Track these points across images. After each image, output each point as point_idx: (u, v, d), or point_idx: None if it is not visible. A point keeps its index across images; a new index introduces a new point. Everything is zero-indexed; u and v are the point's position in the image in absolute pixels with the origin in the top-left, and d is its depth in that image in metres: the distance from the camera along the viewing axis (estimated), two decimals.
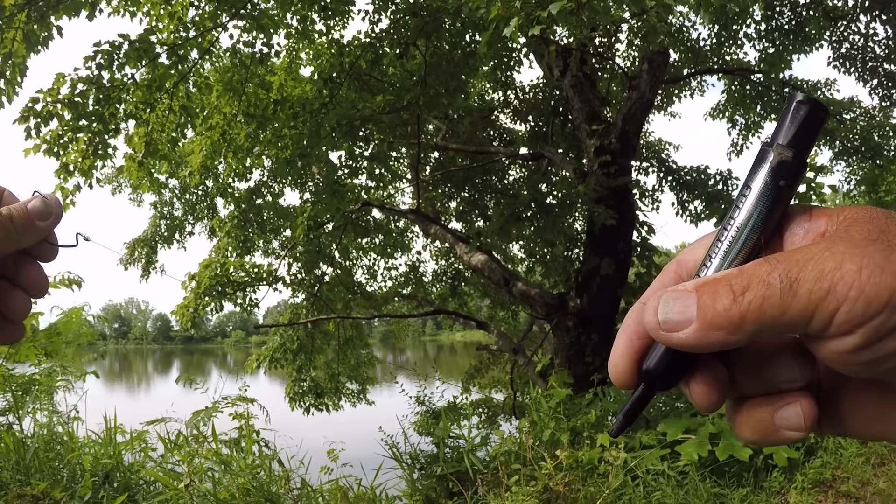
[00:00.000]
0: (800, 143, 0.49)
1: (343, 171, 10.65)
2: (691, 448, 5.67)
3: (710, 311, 0.45)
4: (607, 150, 10.27)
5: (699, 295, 0.46)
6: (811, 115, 0.49)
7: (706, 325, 0.45)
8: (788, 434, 0.49)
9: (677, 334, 0.46)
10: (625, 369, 0.52)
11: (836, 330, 0.43)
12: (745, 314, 0.44)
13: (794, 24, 11.96)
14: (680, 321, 0.46)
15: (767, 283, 0.43)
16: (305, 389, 13.33)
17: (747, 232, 0.49)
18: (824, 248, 0.44)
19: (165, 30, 8.45)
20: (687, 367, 0.50)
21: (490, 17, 5.92)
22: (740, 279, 0.45)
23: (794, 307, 0.43)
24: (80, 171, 8.05)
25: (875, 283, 0.41)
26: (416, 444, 7.08)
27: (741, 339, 0.45)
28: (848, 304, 0.41)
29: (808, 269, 0.43)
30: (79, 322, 7.80)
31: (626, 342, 0.52)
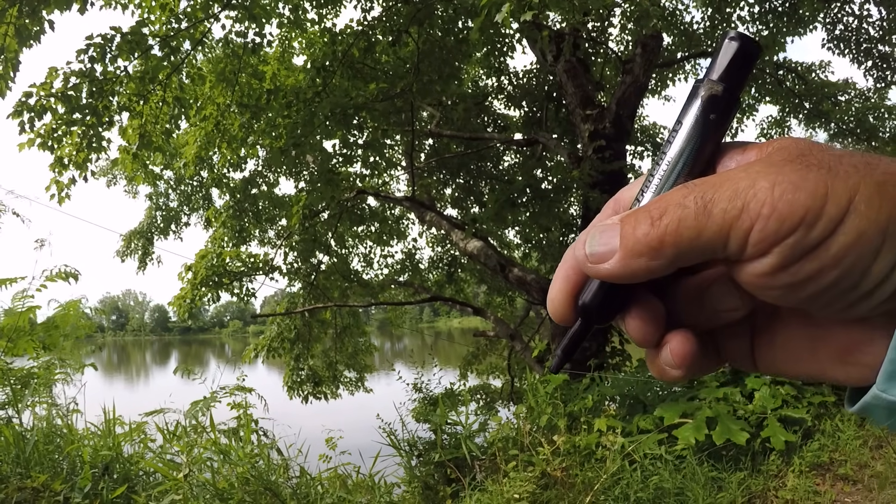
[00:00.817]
0: (730, 77, 0.48)
1: (337, 160, 10.64)
2: (688, 432, 5.70)
3: (631, 239, 0.45)
4: (602, 135, 10.27)
5: (622, 225, 0.46)
6: (742, 50, 0.49)
7: (628, 252, 0.45)
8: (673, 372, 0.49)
9: (604, 265, 0.46)
10: (562, 304, 0.51)
11: (752, 251, 0.42)
12: (663, 237, 0.44)
13: (788, 6, 11.93)
14: (605, 252, 0.46)
15: (683, 206, 0.43)
16: (303, 378, 13.36)
17: (679, 166, 0.49)
18: (741, 170, 0.44)
19: (157, 21, 8.42)
20: (622, 302, 0.50)
21: (482, 3, 5.90)
22: (658, 205, 0.45)
23: (709, 228, 0.42)
24: (74, 164, 8.04)
25: (788, 200, 0.41)
26: (413, 431, 7.09)
27: (663, 263, 0.45)
28: (761, 222, 0.41)
29: (723, 189, 0.43)
30: (76, 315, 7.82)
31: (563, 277, 0.51)
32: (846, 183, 0.41)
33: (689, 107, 0.49)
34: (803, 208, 0.40)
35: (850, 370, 0.47)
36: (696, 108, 0.49)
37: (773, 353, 0.51)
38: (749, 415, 6.16)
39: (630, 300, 0.50)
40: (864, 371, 0.46)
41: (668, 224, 0.43)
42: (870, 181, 0.41)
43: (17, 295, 6.96)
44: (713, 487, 5.44)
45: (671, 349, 0.48)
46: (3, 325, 6.91)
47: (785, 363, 0.51)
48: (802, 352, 0.49)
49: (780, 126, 14.86)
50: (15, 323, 6.78)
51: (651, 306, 0.50)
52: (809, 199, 0.40)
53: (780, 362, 0.51)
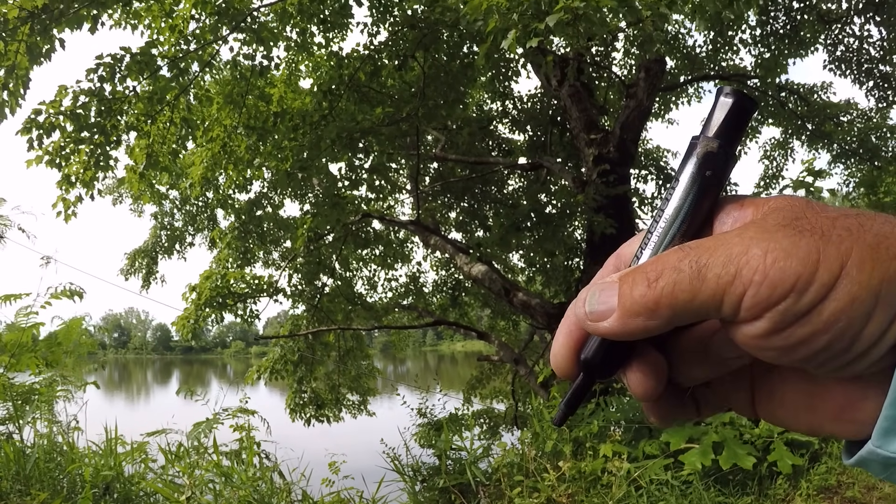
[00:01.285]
0: (726, 134, 0.49)
1: (343, 183, 10.67)
2: (695, 457, 5.66)
3: (629, 299, 0.46)
4: (606, 159, 10.30)
5: (620, 284, 0.47)
6: (737, 106, 0.49)
7: (625, 312, 0.46)
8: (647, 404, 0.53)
9: (602, 323, 0.47)
10: (564, 359, 0.52)
11: (745, 315, 0.43)
12: (659, 300, 0.45)
13: (789, 28, 12.01)
14: (604, 311, 0.47)
15: (678, 269, 0.44)
16: (306, 401, 13.30)
17: (677, 224, 0.49)
18: (735, 235, 0.45)
19: (166, 42, 8.48)
20: (623, 357, 0.51)
21: (488, 30, 5.94)
22: (655, 266, 0.46)
23: (703, 292, 0.43)
24: (81, 182, 8.08)
25: (780, 268, 0.41)
26: (417, 456, 7.06)
27: (659, 323, 0.46)
28: (753, 288, 0.42)
29: (717, 254, 0.43)
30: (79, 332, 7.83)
31: (566, 333, 0.52)
32: (838, 248, 0.41)
33: (685, 164, 0.50)
34: (794, 275, 0.41)
35: (847, 426, 0.48)
36: (693, 165, 0.50)
37: (772, 406, 0.52)
38: (755, 439, 6.12)
39: (631, 355, 0.51)
40: (860, 427, 0.46)
41: (663, 287, 0.44)
42: (862, 244, 0.42)
43: (21, 311, 6.97)
44: None
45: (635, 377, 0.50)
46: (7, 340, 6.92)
47: (784, 416, 0.52)
48: (800, 406, 0.50)
49: (782, 148, 14.90)
50: (18, 339, 6.79)
51: (652, 360, 0.50)
52: (801, 266, 0.41)
53: (779, 415, 0.52)
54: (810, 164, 8.65)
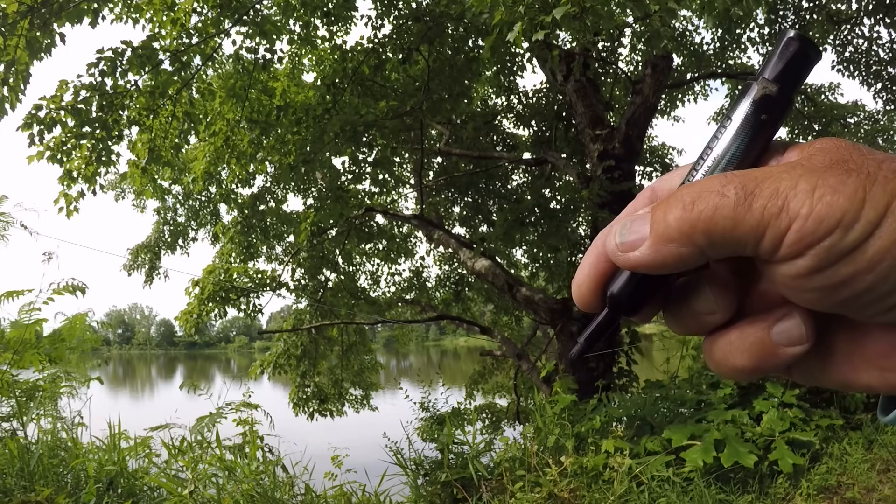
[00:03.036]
0: (786, 79, 0.48)
1: (346, 177, 10.65)
2: (696, 454, 5.65)
3: (662, 224, 0.44)
4: (611, 155, 10.27)
5: (653, 212, 0.45)
6: (800, 52, 0.48)
7: (658, 238, 0.44)
8: (789, 351, 0.46)
9: (633, 253, 0.46)
10: (589, 291, 0.51)
11: (787, 251, 0.41)
12: (696, 223, 0.43)
13: (798, 27, 11.96)
14: (635, 240, 0.46)
15: (721, 194, 0.42)
16: (309, 395, 13.33)
17: (724, 163, 0.48)
18: (783, 170, 0.43)
19: (168, 36, 8.46)
20: (651, 293, 0.49)
21: (493, 23, 5.92)
22: (692, 190, 0.44)
23: (747, 221, 0.41)
24: (83, 177, 8.06)
25: (827, 202, 0.40)
26: (420, 451, 7.06)
27: (693, 252, 0.44)
28: (799, 222, 0.40)
29: (765, 185, 0.42)
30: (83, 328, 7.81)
31: (592, 264, 0.50)
32: (884, 188, 0.40)
33: (739, 103, 0.49)
34: (841, 211, 0.40)
35: (888, 376, 0.45)
36: (748, 107, 0.48)
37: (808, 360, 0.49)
38: (757, 437, 6.11)
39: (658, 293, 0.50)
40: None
41: (702, 210, 0.42)
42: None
43: (24, 307, 6.96)
44: None
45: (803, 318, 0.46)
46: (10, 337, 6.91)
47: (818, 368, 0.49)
48: (837, 357, 0.48)
49: None
50: (21, 335, 6.78)
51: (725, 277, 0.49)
52: (847, 203, 0.40)
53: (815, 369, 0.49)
54: None
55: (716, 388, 7.21)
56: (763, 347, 0.46)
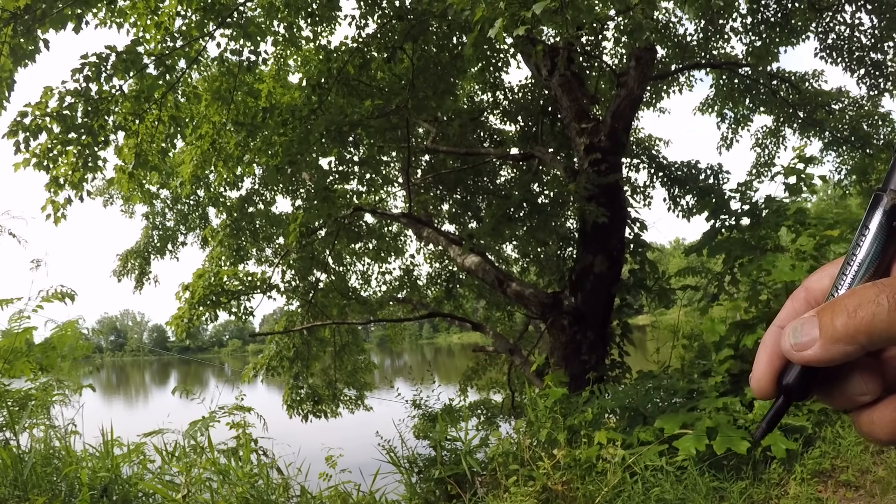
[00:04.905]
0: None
1: (334, 177, 10.64)
2: (689, 443, 5.68)
3: (830, 329, 0.54)
4: (597, 148, 10.29)
5: (820, 317, 0.55)
6: None
7: (828, 339, 0.54)
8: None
9: (806, 352, 0.56)
10: (768, 385, 0.61)
11: None
12: (859, 327, 0.52)
13: (780, 16, 11.99)
14: (808, 341, 0.56)
15: (877, 303, 0.52)
16: (303, 396, 13.32)
17: (866, 266, 0.57)
18: None
19: (153, 40, 8.43)
20: (818, 381, 0.59)
21: (475, 19, 5.93)
22: (853, 300, 0.54)
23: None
24: (70, 183, 8.03)
25: None
26: (413, 448, 7.07)
27: (856, 349, 0.54)
28: None
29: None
30: (74, 335, 7.78)
31: (768, 361, 0.61)
32: None
33: (872, 213, 0.58)
34: None
35: None
36: (880, 216, 0.57)
37: None
38: (749, 424, 6.14)
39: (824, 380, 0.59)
40: None
41: (863, 317, 0.52)
42: None
43: (13, 316, 6.93)
44: (715, 497, 5.42)
45: None
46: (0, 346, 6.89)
47: None
48: None
49: (774, 135, 14.90)
50: (11, 344, 6.76)
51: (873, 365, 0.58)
52: None
53: None
54: (801, 152, 8.67)
55: (707, 377, 7.24)
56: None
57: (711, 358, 7.42)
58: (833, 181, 14.56)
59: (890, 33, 12.08)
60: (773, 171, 14.74)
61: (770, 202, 8.61)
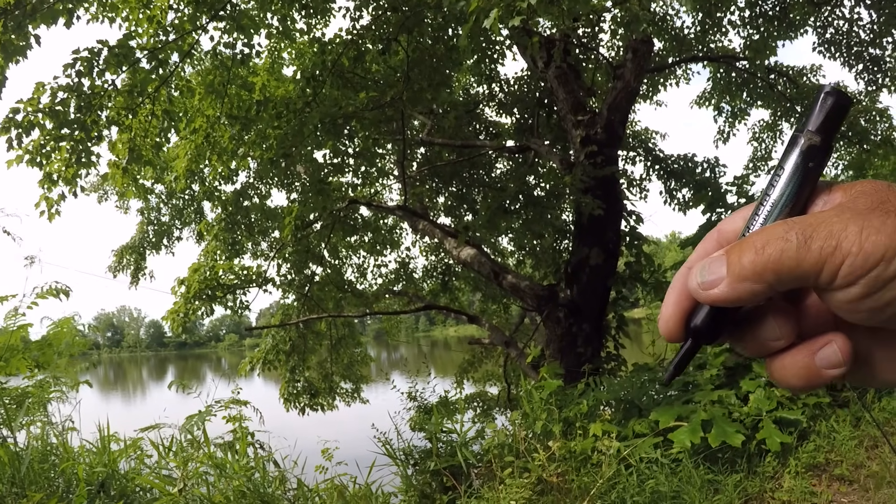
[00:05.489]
0: (827, 129, 0.56)
1: (329, 170, 10.62)
2: (684, 435, 5.69)
3: (737, 266, 0.53)
4: (593, 141, 10.28)
5: (728, 255, 0.55)
6: (837, 103, 0.56)
7: (735, 277, 0.53)
8: (830, 373, 0.55)
9: (713, 290, 0.55)
10: (675, 326, 0.60)
11: (841, 281, 0.51)
12: (766, 264, 0.52)
13: (779, 10, 11.96)
14: (714, 279, 0.55)
15: (785, 239, 0.52)
16: (300, 390, 13.32)
17: (780, 206, 0.57)
18: (833, 215, 0.52)
19: (145, 34, 8.39)
20: (727, 323, 0.58)
21: (470, 10, 5.91)
22: (761, 236, 0.53)
23: (807, 260, 0.51)
24: (64, 180, 8.00)
25: (872, 241, 0.49)
26: (409, 441, 7.08)
27: (764, 288, 0.53)
28: (850, 258, 0.50)
29: (821, 229, 0.51)
30: (70, 332, 7.77)
31: (675, 301, 0.60)
32: None
33: (789, 153, 0.58)
34: (884, 247, 0.49)
35: None
36: (796, 156, 0.57)
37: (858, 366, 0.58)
38: (744, 417, 6.16)
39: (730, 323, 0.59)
40: None
41: (771, 253, 0.52)
42: None
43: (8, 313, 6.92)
44: (710, 490, 5.44)
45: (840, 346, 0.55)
46: None
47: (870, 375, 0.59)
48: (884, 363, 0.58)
49: (771, 130, 14.88)
50: (7, 341, 6.75)
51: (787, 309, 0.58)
52: (888, 240, 0.49)
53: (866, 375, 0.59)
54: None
55: (702, 370, 7.26)
56: (810, 371, 0.56)
57: (706, 351, 7.43)
58: (829, 176, 14.55)
59: (889, 28, 12.04)
60: (769, 165, 14.83)
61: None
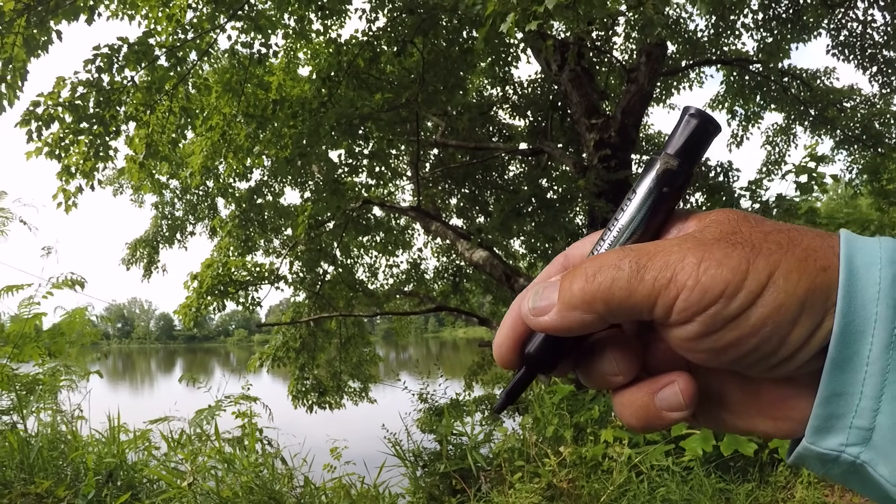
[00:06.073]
0: (686, 153, 0.51)
1: (343, 170, 10.65)
2: (696, 443, 5.67)
3: (567, 293, 0.49)
4: (607, 144, 10.27)
5: (561, 281, 0.50)
6: (700, 127, 0.51)
7: (564, 305, 0.49)
8: (671, 416, 0.50)
9: (543, 318, 0.50)
10: (508, 351, 0.55)
11: (677, 317, 0.46)
12: (596, 293, 0.47)
13: (792, 12, 11.91)
14: (545, 306, 0.50)
15: (618, 267, 0.47)
16: (308, 388, 13.34)
17: (628, 233, 0.52)
18: (674, 243, 0.47)
19: (164, 32, 8.45)
20: (564, 353, 0.54)
21: (486, 14, 5.91)
22: (594, 264, 0.49)
23: (639, 291, 0.46)
24: (81, 172, 8.08)
25: (711, 275, 0.44)
26: (419, 442, 7.08)
27: (594, 318, 0.48)
28: (686, 293, 0.45)
29: (656, 258, 0.46)
30: (82, 322, 7.84)
31: (511, 326, 0.54)
32: (767, 260, 0.45)
33: (644, 177, 0.52)
34: (724, 282, 0.44)
35: (780, 424, 0.50)
36: (651, 180, 0.52)
37: (709, 407, 0.54)
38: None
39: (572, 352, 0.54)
40: (793, 425, 0.49)
41: (601, 282, 0.47)
42: (791, 257, 0.45)
43: (23, 302, 6.98)
44: (721, 499, 5.42)
45: (681, 388, 0.50)
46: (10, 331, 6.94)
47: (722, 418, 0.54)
48: (737, 407, 0.52)
49: (785, 133, 14.81)
50: (21, 329, 6.81)
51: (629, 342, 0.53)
52: (730, 275, 0.44)
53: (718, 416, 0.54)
54: (813, 150, 8.61)
55: None
56: (648, 411, 0.51)
57: None
58: (844, 180, 14.48)
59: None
60: (783, 169, 14.76)
61: (781, 201, 8.57)
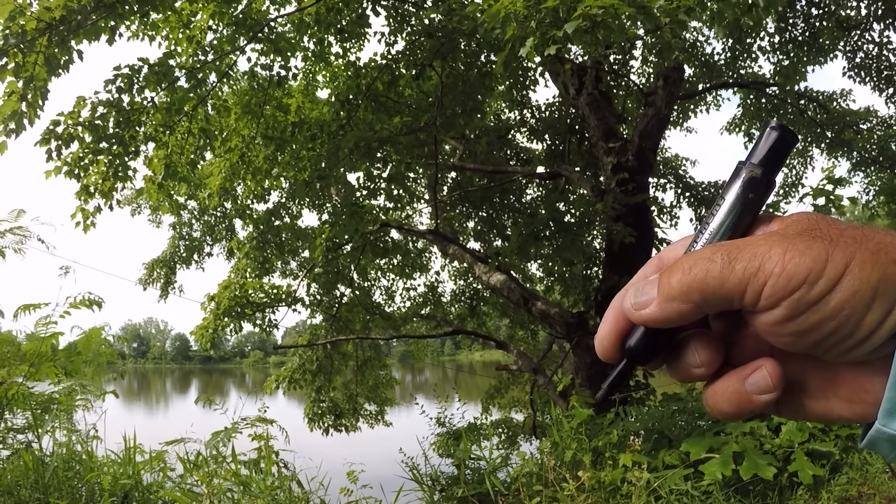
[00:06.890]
0: (769, 162, 0.57)
1: (361, 193, 10.69)
2: (715, 467, 5.59)
3: (666, 286, 0.54)
4: (624, 168, 10.26)
5: (660, 276, 0.55)
6: (781, 139, 0.57)
7: (663, 297, 0.54)
8: (760, 398, 0.55)
9: (644, 311, 0.55)
10: (610, 345, 0.60)
11: (765, 303, 0.51)
12: (692, 284, 0.52)
13: (808, 35, 11.93)
14: (645, 300, 0.55)
15: (711, 260, 0.52)
16: (324, 410, 13.30)
17: (719, 235, 0.57)
18: (760, 239, 0.53)
19: (184, 53, 8.55)
20: (661, 345, 0.58)
21: (506, 38, 5.93)
22: (689, 259, 0.54)
23: (731, 280, 0.51)
24: (100, 192, 8.14)
25: (795, 263, 0.49)
26: (436, 466, 7.02)
27: (691, 308, 0.53)
28: (773, 279, 0.50)
29: (745, 251, 0.51)
30: (98, 341, 7.85)
31: (613, 322, 0.59)
32: (844, 251, 0.50)
33: (731, 184, 0.58)
34: (807, 270, 0.49)
35: (855, 408, 0.55)
36: (738, 188, 0.57)
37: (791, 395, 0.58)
38: (776, 449, 6.05)
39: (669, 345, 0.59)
40: (867, 408, 0.54)
41: (696, 273, 0.52)
42: (865, 249, 0.50)
43: (40, 321, 7.00)
44: None
45: (769, 371, 0.54)
46: (26, 349, 6.96)
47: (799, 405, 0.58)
48: (815, 394, 0.57)
49: (802, 156, 14.78)
50: (37, 348, 6.82)
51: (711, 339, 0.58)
52: (812, 263, 0.49)
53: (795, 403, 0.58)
54: (830, 172, 8.56)
55: None
56: (740, 396, 0.56)
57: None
58: (862, 202, 14.39)
59: None
60: (801, 191, 14.70)
61: None
